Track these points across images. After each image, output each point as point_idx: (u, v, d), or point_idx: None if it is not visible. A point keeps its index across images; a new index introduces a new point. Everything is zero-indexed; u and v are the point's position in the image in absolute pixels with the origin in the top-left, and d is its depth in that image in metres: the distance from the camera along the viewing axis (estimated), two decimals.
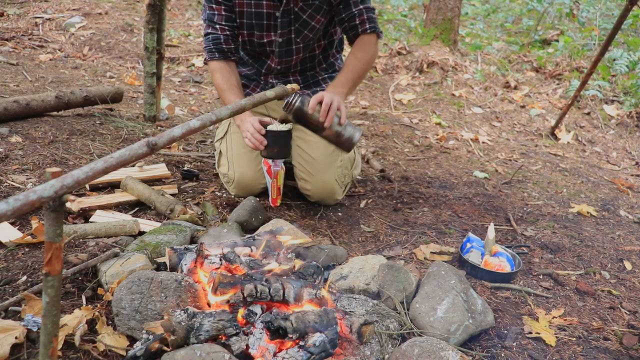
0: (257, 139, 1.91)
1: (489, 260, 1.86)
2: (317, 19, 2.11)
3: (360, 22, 2.10)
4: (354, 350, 1.30)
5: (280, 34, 2.11)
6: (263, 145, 1.90)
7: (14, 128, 2.46)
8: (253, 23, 2.10)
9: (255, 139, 1.91)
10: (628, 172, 3.65)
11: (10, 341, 1.19)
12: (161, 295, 1.31)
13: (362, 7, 2.10)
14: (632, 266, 2.10)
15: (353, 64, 2.07)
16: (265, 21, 2.09)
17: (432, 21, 5.41)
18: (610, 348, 1.54)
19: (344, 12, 2.10)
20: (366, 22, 2.10)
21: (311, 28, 2.13)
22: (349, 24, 2.11)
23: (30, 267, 1.49)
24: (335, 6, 2.10)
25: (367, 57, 2.11)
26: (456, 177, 2.94)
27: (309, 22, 2.11)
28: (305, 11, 2.07)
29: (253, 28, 2.11)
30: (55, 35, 4.77)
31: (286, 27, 2.10)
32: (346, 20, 2.11)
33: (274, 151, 1.94)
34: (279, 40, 2.13)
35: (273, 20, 2.08)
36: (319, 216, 2.17)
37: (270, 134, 1.91)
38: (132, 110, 3.24)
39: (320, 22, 2.13)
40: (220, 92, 2.10)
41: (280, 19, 2.07)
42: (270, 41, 2.14)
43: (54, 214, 0.83)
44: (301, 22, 2.10)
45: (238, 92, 2.07)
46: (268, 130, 1.92)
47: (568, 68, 5.26)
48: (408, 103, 4.47)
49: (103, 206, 1.92)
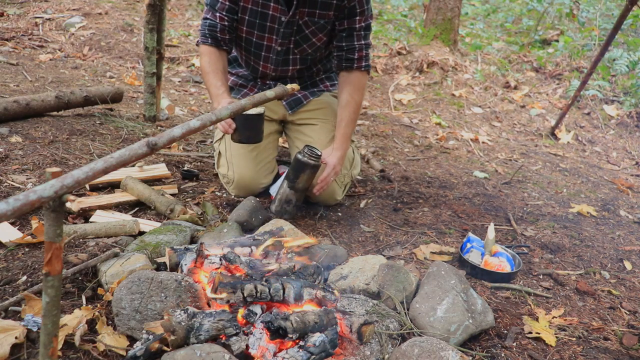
0: (226, 121, 1.87)
1: (489, 260, 1.86)
2: (318, 37, 2.11)
3: (358, 57, 2.10)
4: (354, 350, 1.30)
5: (280, 43, 2.10)
6: (232, 128, 1.85)
7: (14, 128, 2.45)
8: (256, 22, 2.07)
9: (224, 122, 1.87)
10: (628, 172, 3.65)
11: (10, 341, 1.19)
12: (161, 295, 1.31)
13: (364, 42, 2.10)
14: (632, 266, 2.10)
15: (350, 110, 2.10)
16: (268, 23, 2.06)
17: (432, 21, 5.41)
18: (610, 348, 1.54)
19: (345, 41, 2.09)
20: (363, 59, 2.11)
21: (311, 44, 2.13)
22: (347, 55, 2.10)
23: (30, 267, 1.49)
24: (338, 32, 2.09)
25: (361, 99, 2.16)
26: (456, 177, 2.94)
27: (310, 38, 2.10)
28: (309, 27, 2.07)
29: (254, 27, 2.08)
30: (55, 35, 4.77)
31: (287, 38, 2.09)
32: (345, 49, 2.10)
33: (244, 136, 1.89)
34: (277, 48, 2.12)
35: (278, 24, 2.06)
36: (319, 216, 2.17)
37: (240, 117, 1.83)
38: (132, 110, 3.24)
39: (321, 41, 2.13)
40: (205, 74, 2.08)
41: (283, 29, 2.06)
42: (268, 46, 2.13)
43: (54, 214, 0.83)
44: (302, 35, 2.09)
45: (222, 77, 2.04)
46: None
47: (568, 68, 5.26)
48: (408, 103, 4.47)
49: (103, 206, 1.92)
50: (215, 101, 1.98)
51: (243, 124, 1.86)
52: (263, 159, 2.21)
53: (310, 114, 2.29)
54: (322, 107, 2.31)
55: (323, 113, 2.30)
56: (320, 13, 2.03)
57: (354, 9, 2.03)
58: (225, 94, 1.97)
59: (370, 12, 2.09)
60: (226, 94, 1.97)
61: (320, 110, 2.30)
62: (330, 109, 2.30)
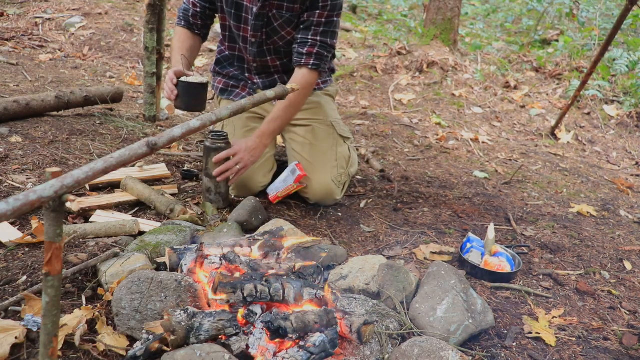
0: (169, 87, 1.88)
1: (489, 260, 1.86)
2: (287, 30, 2.08)
3: (307, 52, 2.01)
4: (354, 350, 1.30)
5: (252, 34, 2.10)
6: (174, 94, 1.86)
7: (14, 128, 2.45)
8: (232, 12, 2.09)
9: (167, 88, 1.89)
10: (628, 172, 3.65)
11: (10, 341, 1.19)
12: (161, 295, 1.31)
13: (319, 38, 2.00)
14: (632, 266, 2.10)
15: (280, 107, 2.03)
16: (243, 14, 2.07)
17: (432, 21, 5.41)
18: (610, 348, 1.54)
19: (301, 33, 2.03)
20: (313, 56, 2.01)
21: (281, 37, 2.10)
22: (298, 48, 2.04)
23: (30, 267, 1.49)
24: (300, 23, 2.04)
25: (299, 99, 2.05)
26: (456, 177, 2.94)
27: (279, 31, 2.08)
28: (277, 20, 2.05)
29: (231, 17, 2.11)
30: (55, 35, 4.77)
31: (258, 30, 2.08)
32: (298, 42, 2.04)
33: (184, 103, 1.89)
34: (252, 40, 2.13)
35: (251, 15, 2.05)
36: (319, 216, 2.17)
37: (182, 84, 1.86)
38: (132, 110, 3.24)
39: (290, 35, 2.09)
40: (172, 50, 2.15)
41: (254, 21, 2.05)
42: (244, 37, 2.15)
43: (54, 214, 0.83)
44: (272, 28, 2.07)
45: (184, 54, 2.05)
46: (180, 80, 1.87)
47: (568, 68, 5.26)
48: (408, 103, 4.46)
49: (103, 206, 1.92)
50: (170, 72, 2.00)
51: (184, 91, 1.87)
52: (261, 159, 2.20)
53: (302, 114, 2.27)
54: (313, 107, 2.30)
55: (314, 113, 2.29)
56: (288, 6, 2.00)
57: (316, 1, 1.96)
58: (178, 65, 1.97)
59: (337, 9, 2.00)
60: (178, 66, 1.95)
61: (311, 110, 2.29)
62: (322, 109, 2.30)
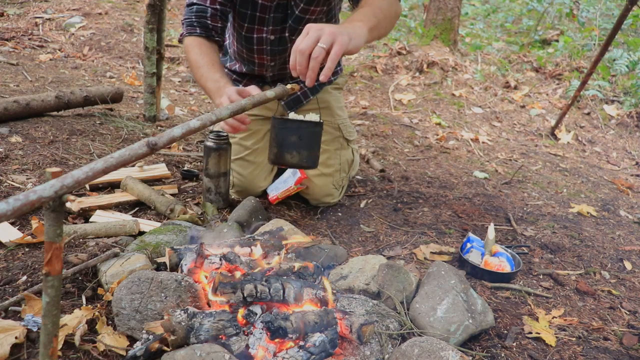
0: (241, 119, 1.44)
1: (489, 260, 1.86)
2: (311, 10, 1.80)
3: None
4: (354, 350, 1.30)
5: (271, 30, 1.84)
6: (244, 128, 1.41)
7: (14, 128, 2.45)
8: (247, 13, 1.82)
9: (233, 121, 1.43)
10: (628, 172, 3.65)
11: (10, 341, 1.19)
12: (161, 295, 1.31)
13: None
14: (632, 266, 2.10)
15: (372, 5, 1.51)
16: (258, 13, 1.81)
17: (432, 21, 5.41)
18: (610, 348, 1.54)
19: None
20: None
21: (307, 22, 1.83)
22: None
23: (30, 267, 1.49)
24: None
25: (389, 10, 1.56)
26: (456, 177, 2.94)
27: (303, 17, 1.83)
28: (298, 5, 1.81)
29: (245, 19, 1.83)
30: (55, 35, 4.77)
31: (279, 24, 1.84)
32: None
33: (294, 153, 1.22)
34: (270, 38, 1.87)
35: (268, 13, 1.81)
36: (319, 216, 2.17)
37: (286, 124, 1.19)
38: (132, 110, 3.24)
39: (315, 13, 1.81)
40: (197, 69, 1.65)
41: (273, 14, 1.80)
42: (260, 38, 1.87)
43: (54, 214, 0.83)
44: (294, 18, 1.82)
45: (219, 69, 1.66)
46: (280, 118, 1.24)
47: (568, 68, 5.26)
48: (408, 103, 4.46)
49: (103, 206, 1.92)
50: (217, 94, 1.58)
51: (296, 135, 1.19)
52: (261, 162, 2.19)
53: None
54: (322, 107, 2.27)
55: (323, 114, 2.28)
56: None
57: None
58: (228, 84, 1.60)
59: None
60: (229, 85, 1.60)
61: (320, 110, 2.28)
62: (330, 110, 2.26)
